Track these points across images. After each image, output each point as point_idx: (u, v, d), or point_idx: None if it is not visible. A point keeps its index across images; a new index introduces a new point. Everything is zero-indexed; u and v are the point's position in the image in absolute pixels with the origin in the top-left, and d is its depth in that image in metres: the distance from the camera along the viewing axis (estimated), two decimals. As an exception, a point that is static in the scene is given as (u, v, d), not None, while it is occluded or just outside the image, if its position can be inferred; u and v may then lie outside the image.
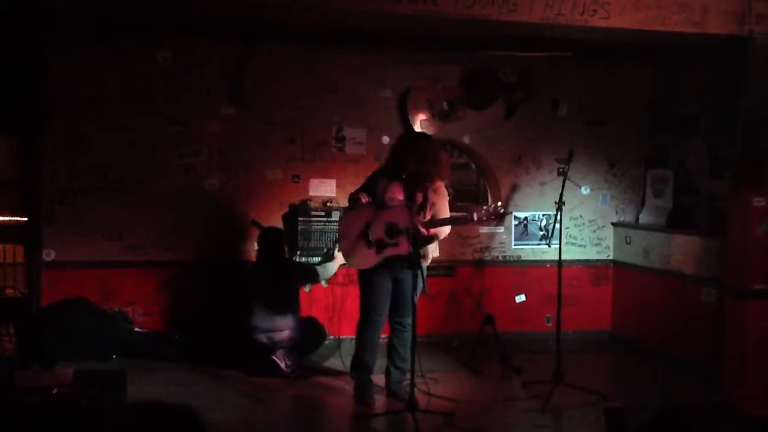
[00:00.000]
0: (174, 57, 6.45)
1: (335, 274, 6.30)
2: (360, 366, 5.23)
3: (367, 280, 5.11)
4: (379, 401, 5.22)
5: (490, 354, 6.25)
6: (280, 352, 5.72)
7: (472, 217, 4.89)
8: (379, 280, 5.07)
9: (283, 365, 5.68)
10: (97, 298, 6.27)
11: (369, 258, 5.01)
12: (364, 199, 5.01)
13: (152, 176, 6.46)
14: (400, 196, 5.00)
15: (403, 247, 4.86)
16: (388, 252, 4.94)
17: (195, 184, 6.54)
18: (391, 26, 5.49)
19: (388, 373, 5.33)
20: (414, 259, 4.74)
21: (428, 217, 4.98)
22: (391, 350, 5.27)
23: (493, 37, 6.03)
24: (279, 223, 6.57)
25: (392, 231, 4.92)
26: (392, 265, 5.01)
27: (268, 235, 6.21)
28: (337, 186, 6.70)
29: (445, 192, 5.18)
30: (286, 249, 6.37)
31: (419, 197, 4.96)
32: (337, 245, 6.36)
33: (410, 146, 5.07)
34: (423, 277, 4.87)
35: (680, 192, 6.82)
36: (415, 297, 4.88)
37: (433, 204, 5.02)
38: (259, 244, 6.25)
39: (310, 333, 6.11)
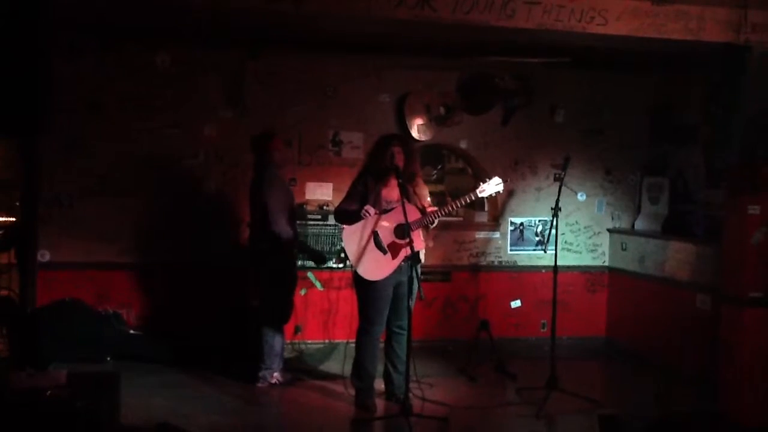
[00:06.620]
0: (173, 61, 6.46)
1: (331, 277, 6.30)
2: (362, 373, 5.21)
3: (371, 290, 5.06)
4: (378, 405, 5.22)
5: (485, 359, 6.24)
6: (269, 371, 5.61)
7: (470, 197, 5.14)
8: (384, 289, 5.06)
9: (273, 381, 5.62)
10: (92, 300, 6.26)
11: (388, 264, 5.01)
12: (372, 212, 4.98)
13: (149, 179, 6.46)
14: (395, 196, 5.03)
15: (418, 244, 4.95)
16: (404, 253, 4.93)
17: (192, 186, 6.54)
18: (389, 32, 5.50)
19: (388, 378, 5.32)
20: (414, 255, 4.77)
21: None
22: (392, 355, 5.26)
23: (491, 43, 6.04)
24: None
25: (402, 231, 4.93)
26: (399, 267, 5.03)
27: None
28: (334, 189, 6.70)
29: (424, 184, 5.36)
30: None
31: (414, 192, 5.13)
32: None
33: (400, 147, 5.10)
34: (418, 282, 4.87)
35: (676, 200, 6.85)
36: (411, 302, 4.88)
37: (424, 195, 5.26)
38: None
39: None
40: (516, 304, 7.17)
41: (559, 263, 5.64)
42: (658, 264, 6.55)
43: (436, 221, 5.09)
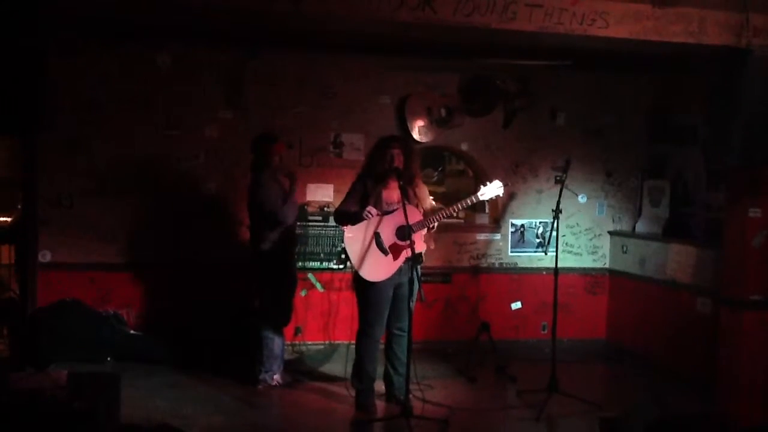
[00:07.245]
0: (173, 61, 6.46)
1: (331, 278, 6.30)
2: (362, 375, 5.22)
3: (371, 291, 5.07)
4: (378, 407, 5.23)
5: (485, 361, 6.25)
6: (268, 373, 5.61)
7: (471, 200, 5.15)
8: (383, 291, 5.06)
9: (273, 383, 5.62)
10: (93, 300, 6.26)
11: (390, 266, 5.02)
12: (374, 213, 5.00)
13: (149, 179, 6.46)
14: (395, 198, 5.03)
15: (419, 245, 4.95)
16: (405, 254, 4.94)
17: (192, 187, 6.54)
18: (390, 33, 5.49)
19: (388, 379, 5.33)
20: (415, 255, 4.77)
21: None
22: (392, 356, 5.27)
23: (493, 45, 6.03)
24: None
25: (403, 233, 4.92)
26: (399, 269, 5.02)
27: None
28: (335, 191, 6.70)
29: (424, 185, 5.37)
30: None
31: (413, 194, 5.13)
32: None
33: (400, 149, 5.10)
34: (419, 283, 4.87)
35: (677, 202, 6.84)
36: (411, 303, 4.88)
37: (424, 197, 5.27)
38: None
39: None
40: (516, 305, 7.17)
41: (559, 265, 5.65)
42: (658, 266, 6.54)
43: (436, 224, 5.09)
